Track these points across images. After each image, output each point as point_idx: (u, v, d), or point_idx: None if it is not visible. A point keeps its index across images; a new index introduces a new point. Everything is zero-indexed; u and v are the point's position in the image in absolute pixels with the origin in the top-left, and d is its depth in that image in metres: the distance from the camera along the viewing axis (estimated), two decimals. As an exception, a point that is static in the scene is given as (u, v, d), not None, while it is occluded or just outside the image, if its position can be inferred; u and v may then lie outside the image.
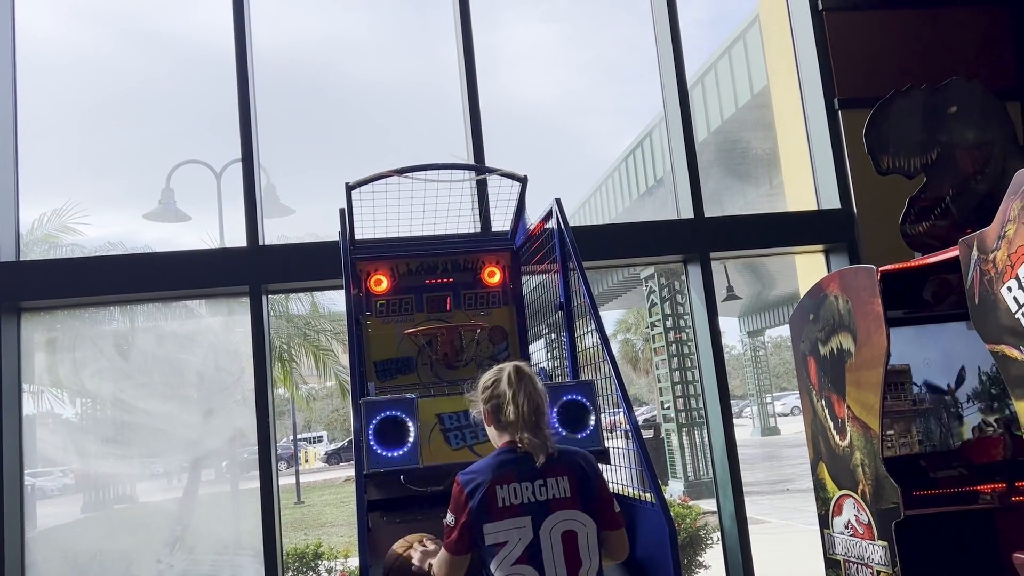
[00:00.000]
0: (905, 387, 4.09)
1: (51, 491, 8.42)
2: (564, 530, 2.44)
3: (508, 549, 2.40)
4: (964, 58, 5.69)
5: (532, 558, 2.40)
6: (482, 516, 2.42)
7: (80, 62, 7.90)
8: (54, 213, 7.61)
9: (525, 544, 2.40)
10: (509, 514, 2.42)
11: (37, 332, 5.43)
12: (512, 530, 2.41)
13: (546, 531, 2.42)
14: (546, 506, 2.44)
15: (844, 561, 3.93)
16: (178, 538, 6.31)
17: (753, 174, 13.41)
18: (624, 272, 18.18)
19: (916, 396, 4.09)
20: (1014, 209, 2.88)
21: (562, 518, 2.44)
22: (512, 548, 2.40)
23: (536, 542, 2.41)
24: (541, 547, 2.41)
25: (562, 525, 2.44)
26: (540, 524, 2.42)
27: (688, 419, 16.13)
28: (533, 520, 2.42)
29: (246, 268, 5.03)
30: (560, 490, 2.46)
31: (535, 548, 2.40)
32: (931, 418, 4.11)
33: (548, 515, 2.43)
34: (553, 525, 2.43)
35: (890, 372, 4.02)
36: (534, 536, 2.41)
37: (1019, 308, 2.87)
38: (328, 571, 6.72)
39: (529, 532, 2.41)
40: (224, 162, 9.08)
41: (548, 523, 2.43)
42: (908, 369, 4.10)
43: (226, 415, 6.19)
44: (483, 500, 2.42)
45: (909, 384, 4.10)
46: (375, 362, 4.09)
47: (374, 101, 18.67)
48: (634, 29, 6.21)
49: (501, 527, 2.41)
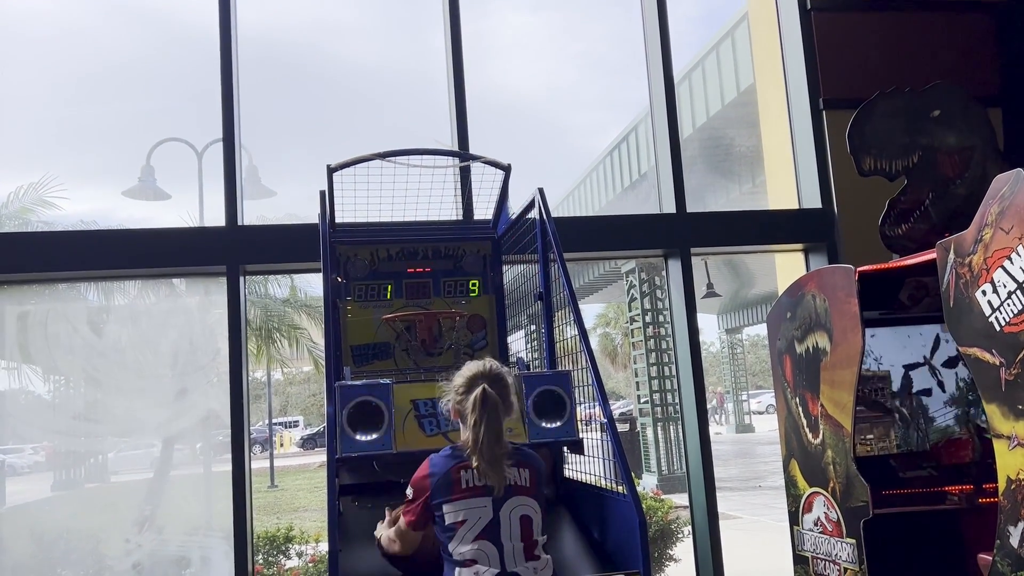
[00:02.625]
0: (885, 392, 4.13)
1: (21, 468, 8.33)
2: (521, 514, 2.60)
3: (468, 527, 2.54)
4: (948, 63, 5.73)
5: (491, 535, 2.54)
6: (441, 496, 2.57)
7: (60, 34, 7.77)
8: (31, 187, 7.49)
9: (485, 523, 2.55)
10: (471, 494, 2.56)
11: (9, 306, 5.35)
12: (473, 509, 2.56)
13: (506, 513, 2.58)
14: (508, 490, 2.59)
15: (812, 558, 3.96)
16: (147, 518, 6.25)
17: (736, 171, 13.48)
18: (605, 266, 18.23)
19: (894, 404, 4.14)
20: (991, 214, 2.91)
21: (521, 503, 2.61)
22: (472, 526, 2.54)
23: (495, 521, 2.56)
24: (500, 526, 2.56)
25: (520, 509, 2.60)
26: (500, 506, 2.58)
27: (664, 414, 16.23)
28: (494, 501, 2.57)
29: (224, 248, 4.97)
30: (521, 479, 2.64)
31: (494, 526, 2.55)
32: (909, 424, 4.16)
33: (509, 498, 2.59)
34: (513, 508, 2.59)
35: (870, 378, 4.08)
36: (494, 516, 2.56)
37: (993, 312, 2.90)
38: (299, 555, 6.70)
39: (489, 512, 2.56)
40: (206, 141, 8.98)
41: (508, 505, 2.58)
42: (888, 375, 4.15)
43: (200, 396, 6.14)
44: (445, 479, 2.58)
45: (889, 390, 4.15)
46: (352, 346, 4.07)
47: (359, 85, 18.57)
48: (623, 23, 6.22)
49: (460, 506, 2.56)
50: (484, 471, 2.55)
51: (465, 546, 2.52)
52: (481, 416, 2.58)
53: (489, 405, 2.60)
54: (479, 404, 2.60)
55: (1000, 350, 2.87)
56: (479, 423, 2.58)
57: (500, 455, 2.57)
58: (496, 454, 2.56)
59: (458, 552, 2.54)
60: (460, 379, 2.73)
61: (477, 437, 2.56)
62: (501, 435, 2.61)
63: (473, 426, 2.59)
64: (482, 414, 2.59)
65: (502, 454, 2.58)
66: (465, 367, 2.77)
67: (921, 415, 4.17)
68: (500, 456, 2.57)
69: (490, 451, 2.55)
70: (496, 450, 2.56)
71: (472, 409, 2.61)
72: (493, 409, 2.60)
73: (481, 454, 2.55)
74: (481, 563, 2.52)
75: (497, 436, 2.59)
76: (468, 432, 2.62)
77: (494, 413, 2.60)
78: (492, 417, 2.59)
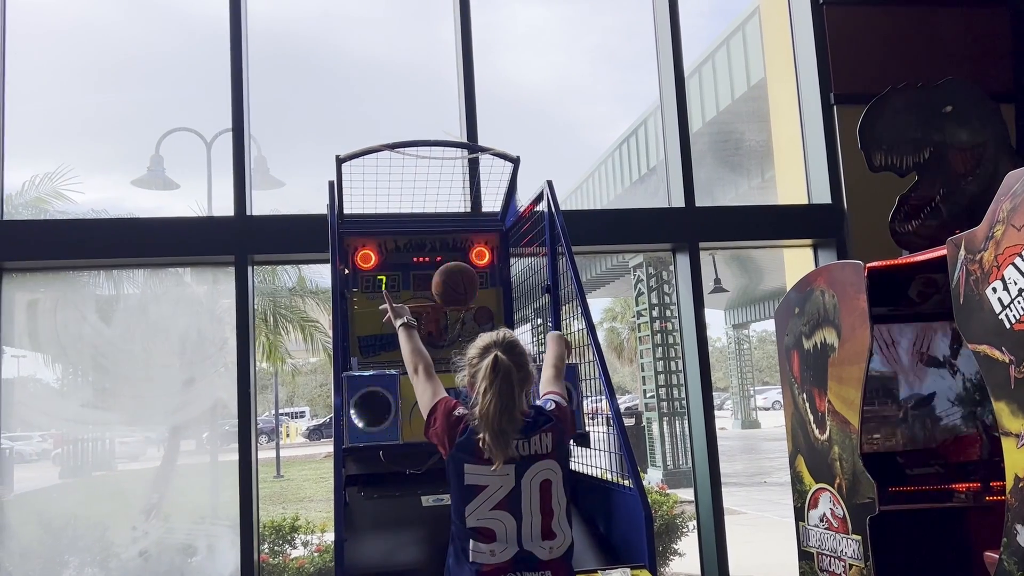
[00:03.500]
0: (892, 392, 4.12)
1: (29, 456, 8.37)
2: (543, 479, 2.49)
3: (488, 494, 2.45)
4: (961, 58, 5.68)
5: (511, 505, 2.44)
6: (464, 453, 2.47)
7: (71, 24, 7.78)
8: (46, 176, 7.49)
9: (506, 492, 2.45)
10: (494, 463, 2.43)
11: (19, 293, 5.38)
12: (496, 476, 2.44)
13: (527, 480, 2.47)
14: (530, 460, 2.49)
15: (818, 554, 3.96)
16: (154, 506, 6.28)
17: (746, 166, 13.42)
18: (613, 260, 18.19)
19: (903, 402, 4.14)
20: (1003, 210, 2.89)
21: (542, 467, 2.50)
22: (492, 494, 2.45)
23: (517, 490, 2.45)
24: (521, 496, 2.46)
25: (542, 475, 2.50)
26: (523, 474, 2.47)
27: (670, 409, 16.22)
28: (516, 469, 2.46)
29: (232, 238, 4.98)
30: (543, 447, 2.51)
31: (515, 496, 2.45)
32: (916, 423, 4.15)
33: (531, 466, 2.48)
34: (535, 475, 2.48)
35: (880, 378, 4.07)
36: (515, 485, 2.45)
37: (1003, 309, 2.88)
38: (304, 544, 6.72)
39: (512, 480, 2.45)
40: (215, 131, 8.97)
41: (530, 473, 2.48)
42: (896, 376, 4.14)
43: (208, 385, 6.15)
44: (468, 439, 2.47)
45: (896, 390, 4.14)
46: (359, 337, 4.08)
47: (369, 76, 18.55)
48: (634, 16, 6.17)
49: (484, 471, 2.45)
50: (489, 444, 2.41)
51: (483, 515, 2.43)
52: (492, 383, 2.45)
53: (501, 372, 2.47)
54: (489, 370, 2.47)
55: (1010, 347, 2.86)
56: (488, 391, 2.45)
57: (508, 428, 2.43)
58: (504, 427, 2.42)
59: (474, 519, 2.43)
60: (473, 349, 2.61)
61: (486, 406, 2.43)
62: (512, 407, 2.46)
63: (482, 394, 2.46)
64: (492, 381, 2.46)
65: (511, 428, 2.44)
66: (479, 338, 2.64)
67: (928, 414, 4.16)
68: (508, 430, 2.43)
69: (498, 422, 2.41)
70: (504, 422, 2.42)
71: (483, 376, 2.48)
72: (506, 377, 2.47)
73: (488, 425, 2.42)
74: (500, 539, 2.42)
75: (507, 407, 2.44)
76: (478, 401, 2.48)
77: (507, 382, 2.47)
78: (505, 386, 2.46)
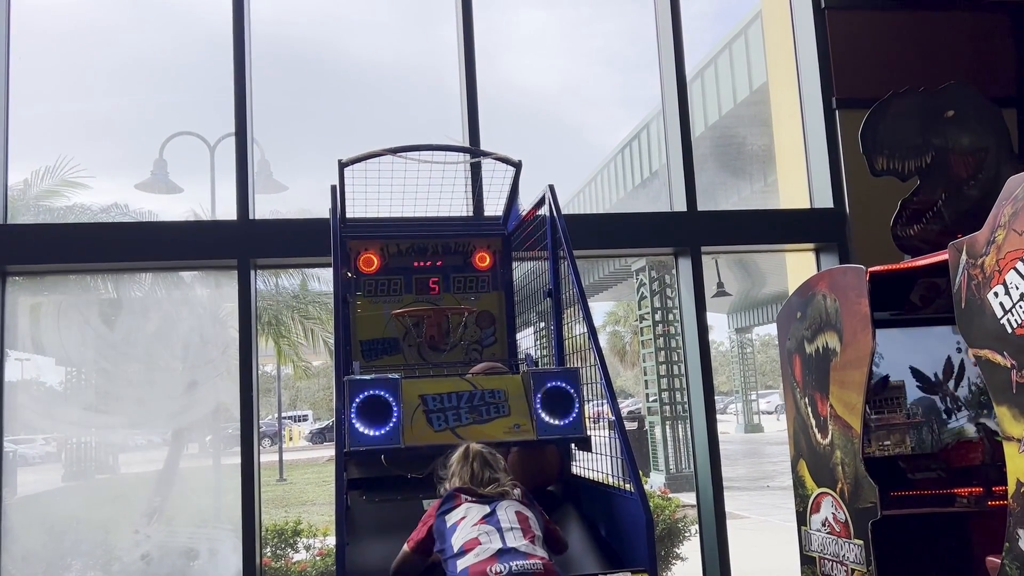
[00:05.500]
0: (900, 401, 4.13)
1: (32, 458, 8.38)
2: (515, 510, 2.81)
3: (468, 520, 2.75)
4: (964, 63, 5.69)
5: (489, 520, 2.75)
6: (446, 507, 2.83)
7: (73, 27, 7.80)
8: (47, 171, 7.47)
9: (483, 514, 2.77)
10: (471, 501, 2.83)
11: (22, 297, 5.39)
12: (473, 507, 2.80)
13: (501, 509, 2.80)
14: (502, 496, 2.86)
15: (820, 558, 3.95)
16: (157, 509, 6.29)
17: (748, 170, 13.42)
18: (615, 264, 18.19)
19: (910, 410, 4.14)
20: (1005, 215, 2.89)
21: (514, 506, 2.83)
22: (472, 517, 2.76)
23: (493, 514, 2.78)
24: (497, 515, 2.77)
25: (514, 507, 2.83)
26: (497, 504, 2.82)
27: (672, 413, 16.20)
28: (490, 504, 2.82)
29: (235, 241, 5.00)
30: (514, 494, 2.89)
31: (492, 515, 2.77)
32: (923, 428, 4.16)
33: (502, 500, 2.84)
34: (507, 506, 2.82)
35: (886, 387, 4.07)
36: (491, 511, 2.79)
37: (1004, 314, 2.88)
38: (307, 548, 6.71)
39: (487, 508, 2.80)
40: (218, 135, 8.99)
41: (503, 505, 2.82)
42: (903, 385, 4.14)
43: (210, 388, 6.16)
44: (449, 499, 2.86)
45: (904, 399, 4.14)
46: (361, 341, 4.08)
47: (372, 80, 18.56)
48: (636, 20, 6.18)
49: (462, 509, 2.80)
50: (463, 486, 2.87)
51: (465, 532, 2.69)
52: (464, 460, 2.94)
53: (472, 453, 2.96)
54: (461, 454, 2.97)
55: (1012, 352, 2.85)
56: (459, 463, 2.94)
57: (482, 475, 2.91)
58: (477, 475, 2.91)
59: (458, 540, 2.68)
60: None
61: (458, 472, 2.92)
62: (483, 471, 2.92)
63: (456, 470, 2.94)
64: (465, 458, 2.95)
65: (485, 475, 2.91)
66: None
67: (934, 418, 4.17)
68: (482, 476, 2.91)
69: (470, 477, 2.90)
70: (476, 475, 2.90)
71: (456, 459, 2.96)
72: (477, 456, 2.95)
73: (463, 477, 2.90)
74: (483, 543, 2.64)
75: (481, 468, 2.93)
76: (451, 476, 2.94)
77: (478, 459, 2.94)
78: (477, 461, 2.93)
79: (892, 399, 4.12)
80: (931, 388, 4.20)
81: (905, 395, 4.17)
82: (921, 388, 4.19)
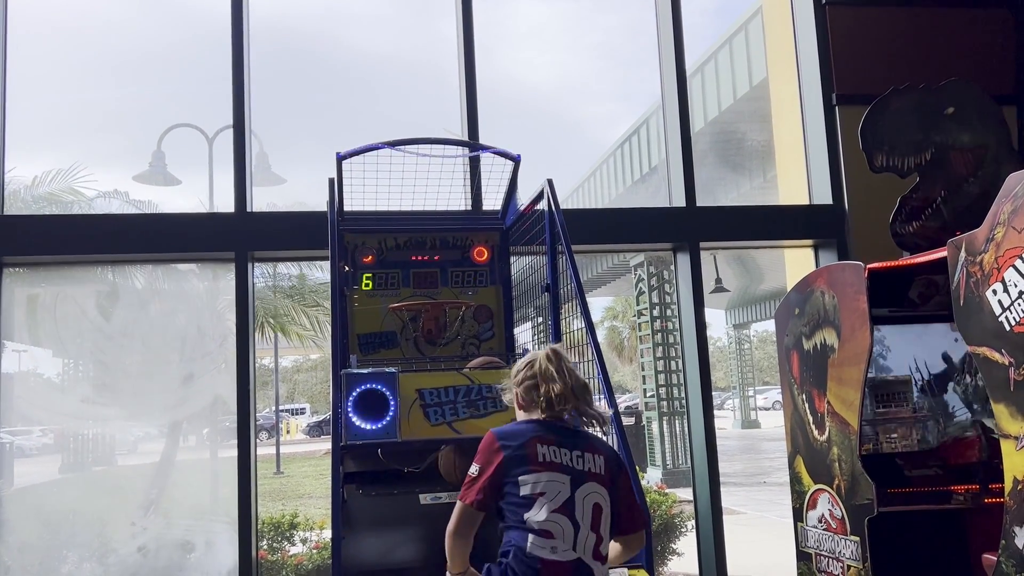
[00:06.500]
0: (906, 396, 4.13)
1: (29, 450, 8.38)
2: (594, 502, 2.45)
3: (548, 499, 2.39)
4: (964, 60, 5.67)
5: (568, 511, 2.40)
6: (519, 467, 2.42)
7: (71, 20, 7.77)
8: (58, 173, 7.46)
9: (564, 499, 2.40)
10: (550, 468, 2.43)
11: (19, 288, 5.38)
12: (553, 483, 2.41)
13: (580, 496, 2.43)
14: (583, 475, 2.46)
15: (816, 554, 3.96)
16: (153, 501, 6.29)
17: (747, 166, 13.42)
18: (613, 259, 18.19)
19: (916, 404, 4.14)
20: (1004, 212, 2.89)
21: (594, 490, 2.46)
22: (552, 498, 2.40)
23: (572, 501, 2.41)
24: (575, 507, 2.41)
25: (593, 496, 2.45)
26: (577, 487, 2.43)
27: (670, 408, 16.21)
28: (572, 481, 2.43)
29: (233, 234, 4.99)
30: (596, 466, 2.49)
31: (571, 505, 2.41)
32: (928, 423, 4.17)
33: (584, 483, 2.45)
34: (587, 494, 2.44)
35: (892, 382, 4.10)
36: (571, 495, 2.41)
37: (1003, 311, 2.88)
38: (303, 541, 6.72)
39: (568, 490, 2.42)
40: (216, 127, 8.98)
41: (583, 490, 2.44)
42: (910, 379, 4.15)
43: (208, 381, 6.15)
44: (521, 451, 2.43)
45: (911, 394, 4.14)
46: (358, 335, 4.07)
47: (371, 73, 18.54)
48: (637, 14, 6.17)
49: (542, 478, 2.41)
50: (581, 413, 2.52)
51: (543, 515, 2.37)
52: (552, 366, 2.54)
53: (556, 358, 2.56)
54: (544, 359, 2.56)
55: (1009, 350, 2.85)
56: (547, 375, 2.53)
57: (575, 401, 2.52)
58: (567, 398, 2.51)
59: (535, 520, 2.37)
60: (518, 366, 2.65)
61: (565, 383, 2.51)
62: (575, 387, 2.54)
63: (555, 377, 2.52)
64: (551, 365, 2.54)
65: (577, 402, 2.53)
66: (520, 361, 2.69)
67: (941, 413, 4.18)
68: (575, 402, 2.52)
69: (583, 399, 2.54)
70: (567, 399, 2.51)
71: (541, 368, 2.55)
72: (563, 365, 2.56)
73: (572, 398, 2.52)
74: (559, 538, 2.36)
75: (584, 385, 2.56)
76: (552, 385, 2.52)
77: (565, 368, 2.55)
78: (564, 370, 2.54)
79: (899, 393, 4.12)
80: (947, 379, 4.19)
81: (912, 390, 4.17)
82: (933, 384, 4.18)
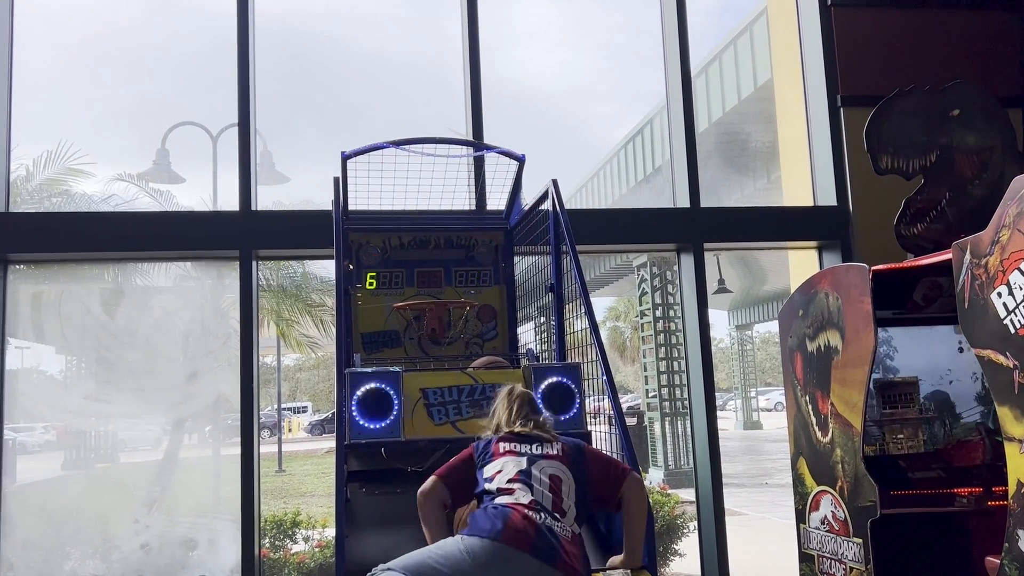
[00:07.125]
0: (913, 397, 4.13)
1: (32, 447, 8.40)
2: (550, 472, 2.72)
3: (504, 474, 2.70)
4: (970, 62, 5.66)
5: (523, 480, 2.68)
6: (483, 459, 2.77)
7: (76, 18, 7.78)
8: (49, 156, 7.43)
9: (518, 469, 2.71)
10: (508, 454, 2.76)
11: (23, 285, 5.39)
12: (508, 461, 2.73)
13: (536, 469, 2.72)
14: (539, 456, 2.76)
15: (818, 556, 3.95)
16: (156, 499, 6.30)
17: (751, 167, 13.40)
18: (617, 259, 18.17)
19: (923, 405, 4.14)
20: (1010, 215, 2.88)
21: (550, 464, 2.74)
22: (507, 472, 2.70)
23: (527, 472, 2.71)
24: (531, 476, 2.69)
25: (549, 469, 2.73)
26: (532, 464, 2.73)
27: (672, 409, 16.19)
28: (528, 460, 2.75)
29: (237, 233, 4.99)
30: (553, 450, 2.80)
31: (527, 475, 2.70)
32: (935, 423, 4.17)
33: (539, 461, 2.75)
34: (543, 467, 2.73)
35: (900, 383, 4.09)
36: (526, 468, 2.72)
37: (1008, 314, 2.88)
38: (305, 539, 6.72)
39: (523, 463, 2.73)
40: (221, 125, 8.99)
41: (539, 464, 2.74)
42: (916, 380, 4.14)
43: (211, 379, 6.16)
44: (487, 449, 2.80)
45: (917, 395, 4.14)
46: (362, 334, 4.08)
47: (375, 73, 18.54)
48: (642, 14, 6.18)
49: (499, 463, 2.74)
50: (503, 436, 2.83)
51: (503, 482, 2.67)
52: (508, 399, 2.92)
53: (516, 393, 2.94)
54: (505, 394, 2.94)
55: (1014, 353, 2.85)
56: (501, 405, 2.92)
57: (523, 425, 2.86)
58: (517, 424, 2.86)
59: (496, 486, 2.68)
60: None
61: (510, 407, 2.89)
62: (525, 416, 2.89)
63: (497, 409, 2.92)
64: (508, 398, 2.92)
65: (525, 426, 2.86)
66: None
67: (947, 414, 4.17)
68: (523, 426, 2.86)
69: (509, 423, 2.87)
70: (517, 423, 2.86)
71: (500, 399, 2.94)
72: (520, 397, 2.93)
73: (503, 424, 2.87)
74: (517, 492, 2.64)
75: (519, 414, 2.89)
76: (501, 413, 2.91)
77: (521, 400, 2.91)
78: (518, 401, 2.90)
79: (905, 394, 4.11)
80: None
81: (918, 390, 4.16)
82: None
